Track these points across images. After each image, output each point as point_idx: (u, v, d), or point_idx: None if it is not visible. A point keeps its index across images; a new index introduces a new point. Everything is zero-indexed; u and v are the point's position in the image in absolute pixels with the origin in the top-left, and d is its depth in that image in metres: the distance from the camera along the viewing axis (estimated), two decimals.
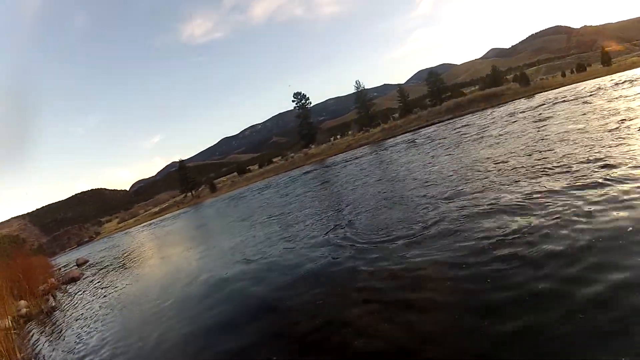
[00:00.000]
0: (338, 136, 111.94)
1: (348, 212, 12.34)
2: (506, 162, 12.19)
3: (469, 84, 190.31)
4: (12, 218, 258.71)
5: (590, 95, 28.53)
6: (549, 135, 14.97)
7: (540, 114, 24.01)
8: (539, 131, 16.82)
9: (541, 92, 62.64)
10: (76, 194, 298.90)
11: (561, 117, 19.42)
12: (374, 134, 74.78)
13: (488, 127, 25.01)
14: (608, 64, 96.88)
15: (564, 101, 29.19)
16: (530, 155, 12.24)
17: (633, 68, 70.47)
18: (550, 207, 6.94)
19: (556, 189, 7.83)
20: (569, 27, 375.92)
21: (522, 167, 10.80)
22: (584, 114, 18.18)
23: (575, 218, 6.19)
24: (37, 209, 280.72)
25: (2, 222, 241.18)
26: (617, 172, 7.78)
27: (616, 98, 22.04)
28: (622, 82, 34.44)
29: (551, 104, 30.24)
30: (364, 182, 17.87)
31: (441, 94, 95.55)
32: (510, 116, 28.63)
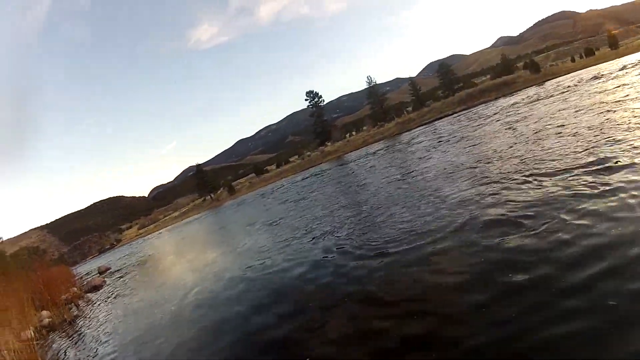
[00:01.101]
0: (353, 132, 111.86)
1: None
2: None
3: (479, 74, 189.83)
4: (30, 230, 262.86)
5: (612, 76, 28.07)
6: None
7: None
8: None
9: (552, 78, 61.92)
10: (95, 203, 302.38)
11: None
12: (389, 128, 74.43)
13: (509, 115, 24.63)
14: (615, 47, 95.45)
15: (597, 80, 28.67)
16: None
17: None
18: None
19: None
20: (574, 11, 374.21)
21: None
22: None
23: None
24: (55, 220, 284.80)
25: (21, 234, 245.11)
26: None
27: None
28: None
29: (586, 82, 29.71)
30: (391, 179, 17.33)
31: (453, 85, 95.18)
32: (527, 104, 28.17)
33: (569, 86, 31.67)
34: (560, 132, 12.85)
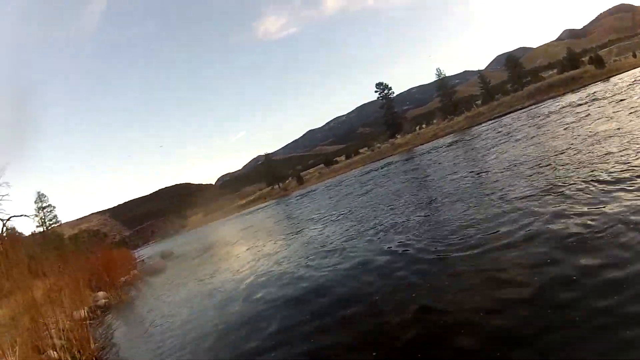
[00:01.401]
0: (423, 125, 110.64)
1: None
2: None
3: (546, 68, 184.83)
4: (91, 214, 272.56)
5: None
6: None
7: None
8: None
9: (616, 74, 58.66)
10: (160, 189, 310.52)
11: None
12: (459, 122, 72.89)
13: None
14: None
15: None
16: None
17: None
18: None
19: None
20: (632, 5, 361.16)
21: None
22: None
23: None
24: (118, 205, 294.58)
25: (81, 218, 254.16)
26: None
27: None
28: None
29: None
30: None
31: (521, 78, 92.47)
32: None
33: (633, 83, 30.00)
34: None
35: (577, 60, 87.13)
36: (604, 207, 6.64)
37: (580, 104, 26.60)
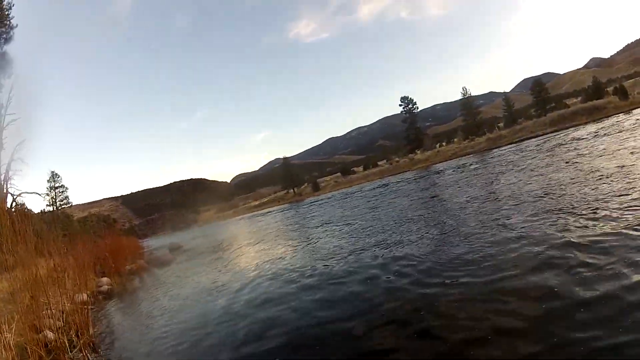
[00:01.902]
0: (444, 143, 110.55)
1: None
2: None
3: (572, 95, 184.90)
4: (104, 199, 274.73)
5: None
6: None
7: None
8: None
9: (638, 107, 58.43)
10: (175, 182, 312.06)
11: None
12: (479, 143, 72.78)
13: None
14: None
15: None
16: None
17: None
18: None
19: None
20: None
21: None
22: None
23: None
24: (131, 193, 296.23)
25: (92, 202, 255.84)
26: None
27: None
28: None
29: None
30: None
31: (546, 104, 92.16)
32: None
33: None
34: None
35: (602, 90, 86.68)
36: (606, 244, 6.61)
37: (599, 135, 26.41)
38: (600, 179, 11.92)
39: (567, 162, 17.60)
